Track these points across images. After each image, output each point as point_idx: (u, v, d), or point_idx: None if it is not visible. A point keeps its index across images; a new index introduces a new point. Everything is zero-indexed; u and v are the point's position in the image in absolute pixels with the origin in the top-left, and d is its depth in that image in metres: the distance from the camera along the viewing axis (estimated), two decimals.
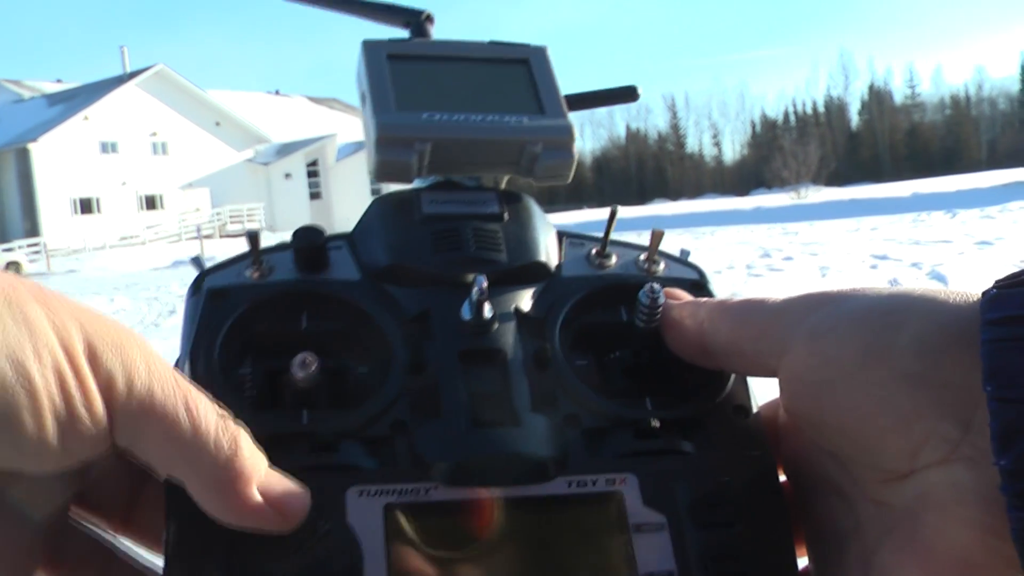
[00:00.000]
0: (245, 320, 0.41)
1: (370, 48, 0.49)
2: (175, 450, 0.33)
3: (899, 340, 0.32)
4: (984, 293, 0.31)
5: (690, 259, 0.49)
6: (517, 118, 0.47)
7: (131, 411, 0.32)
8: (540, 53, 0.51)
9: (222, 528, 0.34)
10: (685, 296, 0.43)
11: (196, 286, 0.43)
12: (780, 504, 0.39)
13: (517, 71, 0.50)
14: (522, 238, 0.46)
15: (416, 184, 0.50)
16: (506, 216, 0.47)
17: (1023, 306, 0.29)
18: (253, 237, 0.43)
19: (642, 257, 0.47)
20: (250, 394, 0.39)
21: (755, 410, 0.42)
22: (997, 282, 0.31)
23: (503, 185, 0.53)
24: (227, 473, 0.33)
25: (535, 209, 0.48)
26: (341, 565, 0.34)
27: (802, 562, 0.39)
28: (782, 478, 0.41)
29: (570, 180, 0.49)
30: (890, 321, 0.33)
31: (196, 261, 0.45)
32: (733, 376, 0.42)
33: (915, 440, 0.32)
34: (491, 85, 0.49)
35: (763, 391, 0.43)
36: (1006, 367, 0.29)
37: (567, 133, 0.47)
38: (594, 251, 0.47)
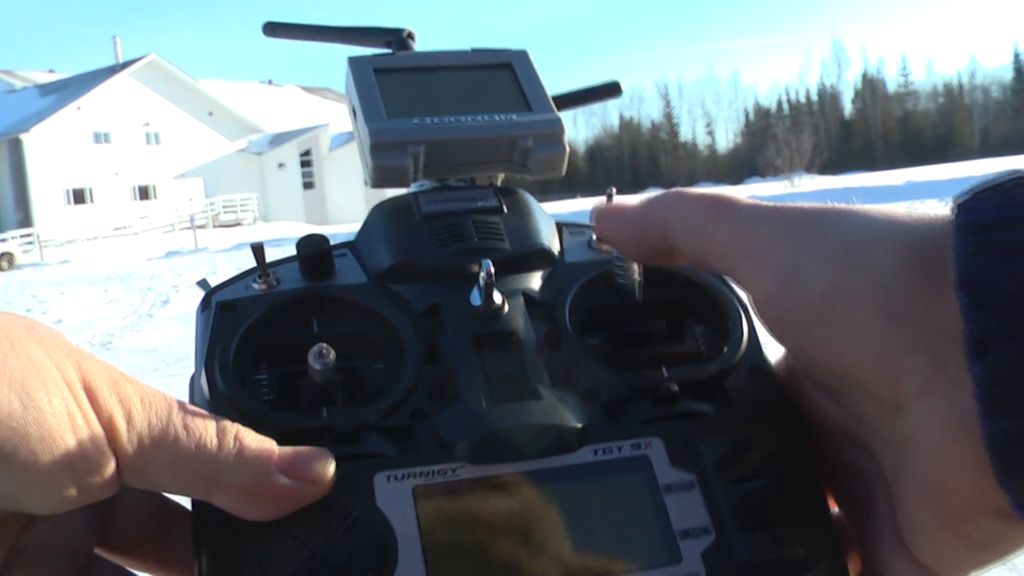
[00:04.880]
0: (257, 328, 0.41)
1: (357, 64, 0.51)
2: (187, 471, 0.33)
3: (862, 278, 0.32)
4: (955, 199, 0.30)
5: None
6: (506, 116, 0.48)
7: (135, 448, 0.32)
8: (522, 56, 0.53)
9: (249, 535, 0.34)
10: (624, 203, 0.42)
11: (205, 303, 0.43)
12: (805, 454, 0.39)
13: (502, 74, 0.52)
14: (523, 227, 0.47)
15: (413, 189, 0.51)
16: (505, 208, 0.48)
17: (998, 209, 0.29)
18: (258, 250, 0.43)
19: None
20: (268, 398, 0.39)
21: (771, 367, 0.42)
22: (969, 188, 0.30)
23: (498, 184, 0.54)
24: (243, 471, 0.33)
25: (532, 201, 0.50)
26: (376, 548, 0.34)
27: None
28: None
29: (564, 173, 0.50)
30: (854, 258, 0.32)
31: (203, 283, 0.45)
32: (747, 337, 0.43)
33: (892, 374, 0.32)
34: (477, 88, 0.51)
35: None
36: (981, 273, 0.28)
37: (557, 126, 0.49)
38: (595, 236, 0.48)
